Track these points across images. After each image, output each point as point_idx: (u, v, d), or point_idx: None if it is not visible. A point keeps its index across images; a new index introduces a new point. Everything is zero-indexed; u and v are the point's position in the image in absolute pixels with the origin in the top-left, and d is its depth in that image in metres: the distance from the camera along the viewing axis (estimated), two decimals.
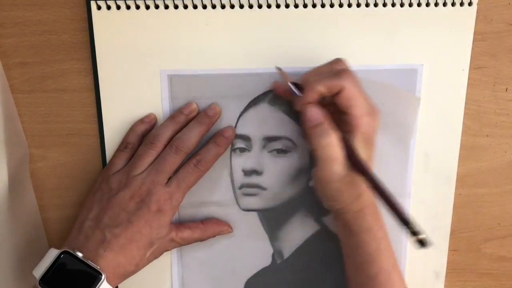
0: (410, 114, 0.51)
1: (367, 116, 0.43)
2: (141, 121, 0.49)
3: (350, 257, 0.48)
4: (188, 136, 0.47)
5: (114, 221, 0.44)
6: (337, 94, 0.43)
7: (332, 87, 0.42)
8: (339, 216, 0.47)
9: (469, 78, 0.51)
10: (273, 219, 0.53)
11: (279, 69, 0.47)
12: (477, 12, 0.49)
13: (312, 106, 0.44)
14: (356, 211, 0.45)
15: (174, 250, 0.53)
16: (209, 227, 0.51)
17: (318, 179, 0.45)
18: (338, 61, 0.45)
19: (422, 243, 0.40)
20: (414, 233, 0.41)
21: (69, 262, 0.42)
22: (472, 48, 0.50)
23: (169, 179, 0.46)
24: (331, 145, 0.43)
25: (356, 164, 0.43)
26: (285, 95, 0.48)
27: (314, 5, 0.47)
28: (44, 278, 0.42)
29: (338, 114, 0.44)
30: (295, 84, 0.45)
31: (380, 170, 0.51)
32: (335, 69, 0.44)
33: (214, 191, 0.52)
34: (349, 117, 0.43)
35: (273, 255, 0.54)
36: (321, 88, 0.43)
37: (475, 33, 0.50)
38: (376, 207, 0.47)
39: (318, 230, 0.53)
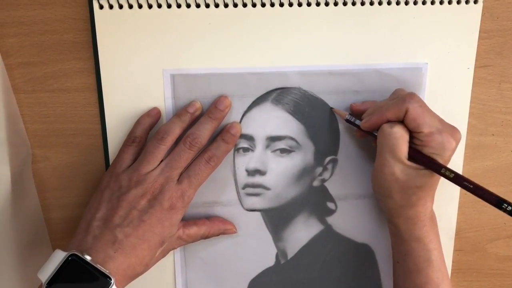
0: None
1: (439, 135, 0.43)
2: (147, 114, 0.48)
3: (400, 263, 0.49)
4: (201, 131, 0.46)
5: (125, 220, 0.43)
6: (405, 117, 0.44)
7: (398, 111, 0.44)
8: (391, 220, 0.48)
9: (474, 77, 0.51)
10: (276, 219, 0.53)
11: (333, 108, 0.50)
12: (483, 10, 0.49)
13: None
14: (408, 217, 0.46)
15: (178, 250, 0.52)
16: (215, 224, 0.51)
17: (376, 170, 0.46)
18: (400, 90, 0.47)
19: None
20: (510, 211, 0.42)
21: (77, 265, 0.41)
22: (478, 46, 0.50)
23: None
24: (397, 137, 0.44)
25: (424, 159, 0.44)
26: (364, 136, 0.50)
27: (318, 4, 0.47)
28: (51, 282, 0.41)
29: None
30: (353, 116, 0.48)
31: None
32: (399, 95, 0.46)
33: (218, 191, 0.51)
34: (420, 136, 0.44)
35: (276, 255, 0.54)
36: (389, 114, 0.44)
37: (480, 31, 0.49)
38: (432, 220, 0.47)
39: (322, 230, 0.53)
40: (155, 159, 0.45)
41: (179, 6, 0.46)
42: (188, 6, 0.46)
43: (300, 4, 0.47)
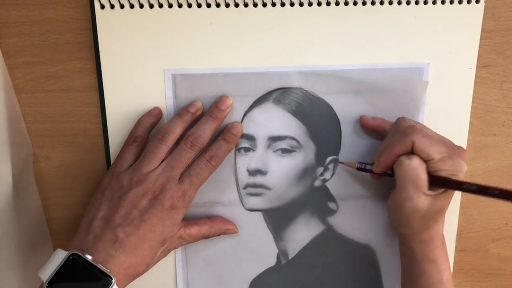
0: (417, 100, 0.50)
1: (449, 159, 0.44)
2: (148, 114, 0.48)
3: (411, 283, 0.49)
4: (202, 131, 0.46)
5: (126, 220, 0.43)
6: (412, 150, 0.44)
7: (404, 146, 0.44)
8: (405, 243, 0.48)
9: (476, 77, 0.51)
10: (277, 219, 0.52)
11: (343, 162, 0.51)
12: (485, 10, 0.48)
13: None
14: (423, 240, 0.47)
15: (179, 250, 0.52)
16: (216, 223, 0.50)
17: (396, 203, 0.46)
18: (401, 120, 0.47)
19: None
20: None
21: (78, 264, 0.41)
22: (479, 46, 0.50)
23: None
24: (416, 167, 0.44)
25: (444, 181, 0.44)
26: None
27: (319, 4, 0.47)
28: (52, 281, 0.41)
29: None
30: (363, 163, 0.49)
31: None
32: (401, 127, 0.46)
33: (219, 191, 0.51)
34: (432, 163, 0.44)
35: (278, 255, 0.54)
36: (397, 152, 0.45)
37: (482, 30, 0.49)
38: (442, 240, 0.48)
39: (323, 231, 0.53)
40: (156, 158, 0.45)
41: (180, 6, 0.46)
42: (190, 6, 0.46)
43: (301, 4, 0.47)
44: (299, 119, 0.50)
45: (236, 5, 0.46)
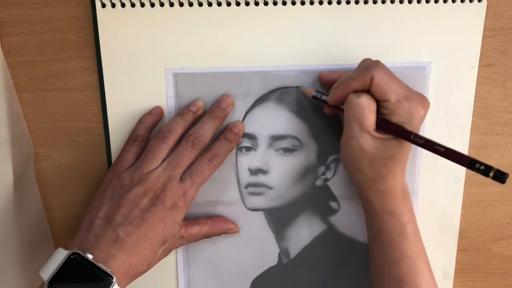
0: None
1: (406, 102, 0.42)
2: (150, 113, 0.48)
3: (374, 239, 0.47)
4: (203, 130, 0.46)
5: (127, 219, 0.43)
6: (370, 86, 0.42)
7: (363, 80, 0.42)
8: (363, 195, 0.46)
9: (478, 76, 0.50)
10: (279, 219, 0.52)
11: (300, 87, 0.49)
12: (487, 8, 0.48)
13: None
14: (379, 191, 0.45)
15: (180, 249, 0.52)
16: (217, 223, 0.50)
17: (344, 143, 0.45)
18: (366, 60, 0.45)
19: (499, 178, 0.40)
20: (485, 172, 0.40)
21: (78, 263, 0.41)
22: (482, 45, 0.49)
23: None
24: (363, 106, 0.42)
25: (392, 128, 0.42)
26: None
27: (321, 2, 0.47)
28: (52, 280, 0.41)
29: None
30: (320, 92, 0.47)
31: None
32: (364, 65, 0.44)
33: (220, 190, 0.51)
34: (387, 104, 0.42)
35: (279, 255, 0.54)
36: (354, 85, 0.43)
37: (484, 29, 0.49)
38: (404, 193, 0.46)
39: (325, 230, 0.53)
40: (157, 158, 0.45)
41: (181, 4, 0.46)
42: (191, 4, 0.46)
43: (303, 3, 0.47)
44: (300, 118, 0.50)
45: (238, 4, 0.46)
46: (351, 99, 0.43)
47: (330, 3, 0.47)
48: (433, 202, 0.54)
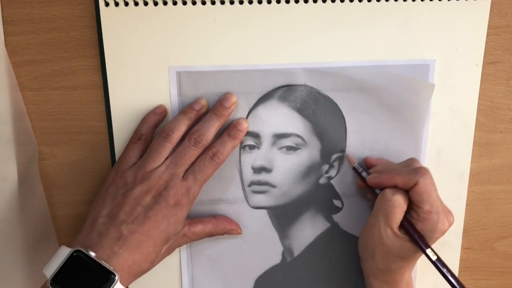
0: (423, 101, 0.50)
1: (436, 215, 0.44)
2: (153, 112, 0.48)
3: None
4: (206, 128, 0.46)
5: (130, 217, 0.43)
6: (411, 188, 0.44)
7: (408, 181, 0.44)
8: (369, 280, 0.50)
9: (482, 73, 0.50)
10: (282, 217, 0.52)
11: (346, 153, 0.51)
12: (491, 6, 0.48)
13: None
14: (385, 281, 0.48)
15: (184, 248, 0.52)
16: (221, 223, 0.50)
17: (366, 228, 0.48)
18: (414, 160, 0.48)
19: None
20: None
21: (81, 261, 0.41)
22: (486, 43, 0.49)
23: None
24: (395, 206, 0.45)
25: (413, 234, 0.45)
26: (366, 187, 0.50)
27: (324, 0, 0.47)
28: (55, 278, 0.41)
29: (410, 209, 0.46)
30: (361, 167, 0.50)
31: None
32: (412, 165, 0.47)
33: (224, 188, 0.51)
34: (419, 211, 0.45)
35: (283, 253, 0.54)
36: (398, 180, 0.45)
37: (489, 27, 0.49)
38: (408, 286, 0.49)
39: (329, 228, 0.53)
40: (160, 156, 0.45)
41: (184, 3, 0.46)
42: (194, 3, 0.46)
43: (306, 1, 0.47)
44: (304, 117, 0.50)
45: (241, 2, 0.46)
46: (387, 194, 0.45)
47: (333, 1, 0.47)
48: None
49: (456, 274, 0.56)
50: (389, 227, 0.45)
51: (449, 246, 0.55)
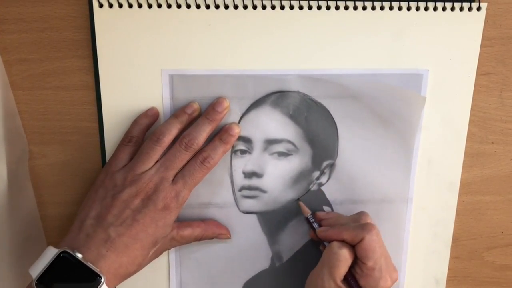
0: (415, 113, 0.50)
1: (379, 272, 0.45)
2: (145, 114, 0.48)
3: None
4: (198, 133, 0.46)
5: (118, 219, 0.43)
6: (357, 244, 0.45)
7: (355, 236, 0.45)
8: None
9: (475, 84, 0.50)
10: (272, 222, 0.52)
11: (299, 200, 0.52)
12: (486, 17, 0.48)
13: None
14: None
15: (173, 251, 0.52)
16: (210, 227, 0.50)
17: (311, 276, 0.47)
18: (361, 214, 0.48)
19: None
20: None
21: (67, 262, 0.41)
22: (480, 54, 0.49)
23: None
24: (340, 259, 0.45)
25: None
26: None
27: (319, 7, 0.47)
28: (41, 278, 0.41)
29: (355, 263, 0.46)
30: (314, 218, 0.51)
31: (383, 174, 0.51)
32: (362, 220, 0.47)
33: (214, 192, 0.51)
34: (363, 267, 0.45)
35: (272, 258, 0.54)
36: (345, 235, 0.46)
37: (483, 38, 0.49)
38: None
39: None
40: (150, 159, 0.45)
41: (179, 6, 0.46)
42: (188, 6, 0.46)
43: (301, 8, 0.46)
44: (296, 123, 0.50)
45: (235, 6, 0.46)
46: (333, 247, 0.46)
47: (328, 8, 0.47)
48: (427, 209, 0.54)
49: (444, 283, 0.56)
50: (333, 279, 0.45)
51: (438, 255, 0.55)
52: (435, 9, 0.47)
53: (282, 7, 0.46)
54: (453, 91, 0.50)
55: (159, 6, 0.46)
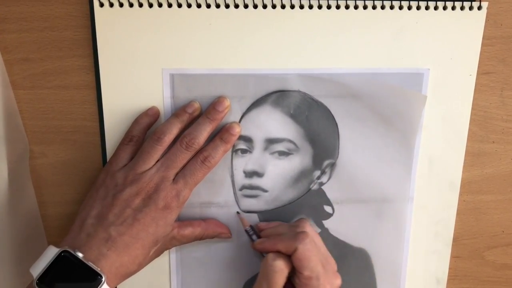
0: (415, 112, 0.50)
1: (316, 281, 0.44)
2: (146, 113, 0.48)
3: None
4: (198, 132, 0.46)
5: (119, 218, 0.43)
6: (292, 254, 0.44)
7: (288, 247, 0.44)
8: None
9: (476, 84, 0.50)
10: (273, 221, 0.52)
11: (238, 213, 0.51)
12: (487, 16, 0.48)
13: None
14: None
15: (174, 250, 0.52)
16: (210, 226, 0.50)
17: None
18: (300, 222, 0.48)
19: None
20: None
21: (68, 262, 0.41)
22: (481, 53, 0.49)
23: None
24: (275, 271, 0.44)
25: None
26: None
27: (320, 7, 0.47)
28: (42, 277, 0.41)
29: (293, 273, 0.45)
30: (253, 230, 0.50)
31: (384, 173, 0.51)
32: (298, 228, 0.46)
33: (215, 192, 0.51)
34: (300, 276, 0.44)
35: None
36: (280, 246, 0.45)
37: (483, 37, 0.49)
38: None
39: (319, 234, 0.53)
40: (151, 159, 0.45)
41: (180, 5, 0.46)
42: (189, 6, 0.46)
43: (302, 7, 0.46)
44: (297, 122, 0.50)
45: (236, 6, 0.46)
46: (268, 259, 0.45)
47: (329, 7, 0.47)
48: (427, 208, 0.54)
49: (445, 282, 0.56)
50: None
51: (438, 254, 0.55)
52: (435, 8, 0.47)
53: (283, 6, 0.46)
54: (454, 90, 0.50)
55: (160, 5, 0.46)
